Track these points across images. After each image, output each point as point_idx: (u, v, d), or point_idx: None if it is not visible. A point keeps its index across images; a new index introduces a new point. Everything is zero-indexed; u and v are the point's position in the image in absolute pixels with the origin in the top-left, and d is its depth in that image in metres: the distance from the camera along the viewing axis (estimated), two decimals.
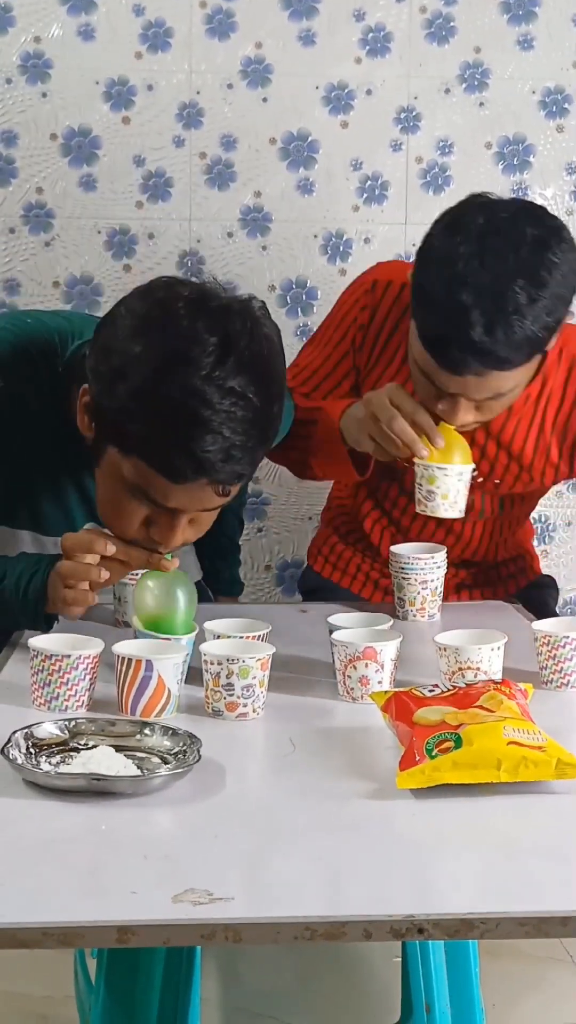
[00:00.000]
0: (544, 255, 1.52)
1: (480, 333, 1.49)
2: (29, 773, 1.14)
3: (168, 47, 2.25)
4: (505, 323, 1.50)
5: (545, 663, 1.44)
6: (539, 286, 1.51)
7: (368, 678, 1.36)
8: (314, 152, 2.30)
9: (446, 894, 0.98)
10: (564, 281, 1.54)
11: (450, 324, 1.51)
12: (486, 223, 1.53)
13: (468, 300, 1.49)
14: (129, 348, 1.32)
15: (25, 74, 2.24)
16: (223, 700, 1.31)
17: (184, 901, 0.94)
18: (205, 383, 1.29)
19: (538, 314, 1.51)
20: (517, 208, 1.57)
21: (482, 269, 1.50)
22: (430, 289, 1.54)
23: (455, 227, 1.55)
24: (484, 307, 1.49)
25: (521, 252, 1.51)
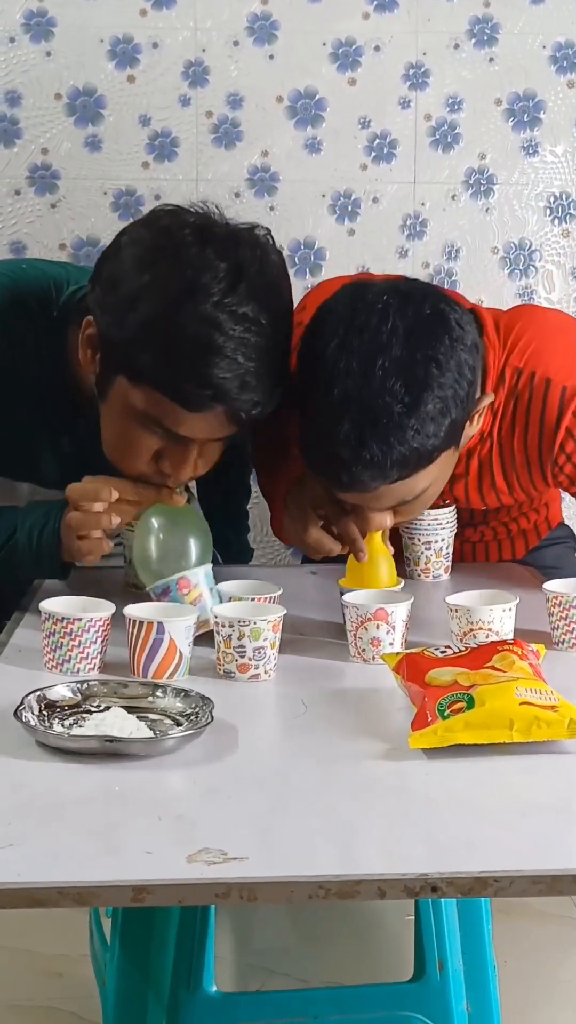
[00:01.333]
0: (420, 351, 1.32)
1: (353, 452, 1.30)
2: (42, 735, 1.14)
3: (173, 4, 2.22)
4: (379, 439, 1.30)
5: (557, 624, 1.43)
6: (418, 389, 1.30)
7: (379, 639, 1.36)
8: (322, 110, 2.28)
9: (459, 853, 0.98)
10: (451, 379, 1.33)
11: (320, 441, 1.33)
12: (351, 320, 1.33)
13: (335, 414, 1.30)
14: (138, 278, 1.30)
15: (28, 33, 2.22)
16: (235, 662, 1.31)
17: (198, 861, 0.94)
18: (218, 310, 1.28)
19: (421, 423, 1.31)
20: (388, 297, 1.35)
21: (347, 376, 1.30)
22: (299, 399, 1.37)
23: (324, 327, 1.36)
24: (354, 420, 1.30)
25: (390, 352, 1.31)
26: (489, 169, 2.31)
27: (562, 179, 2.33)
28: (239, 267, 1.30)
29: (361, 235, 2.31)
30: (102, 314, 1.36)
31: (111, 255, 1.37)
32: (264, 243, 1.35)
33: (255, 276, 1.30)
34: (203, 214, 1.36)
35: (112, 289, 1.34)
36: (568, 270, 2.35)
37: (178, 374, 1.30)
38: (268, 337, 1.31)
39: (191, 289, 1.28)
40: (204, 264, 1.29)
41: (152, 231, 1.34)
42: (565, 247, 2.35)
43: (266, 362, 1.31)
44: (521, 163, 2.31)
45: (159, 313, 1.29)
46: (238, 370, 1.29)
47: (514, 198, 2.32)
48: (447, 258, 2.32)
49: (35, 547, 1.44)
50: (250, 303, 1.29)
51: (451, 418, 1.35)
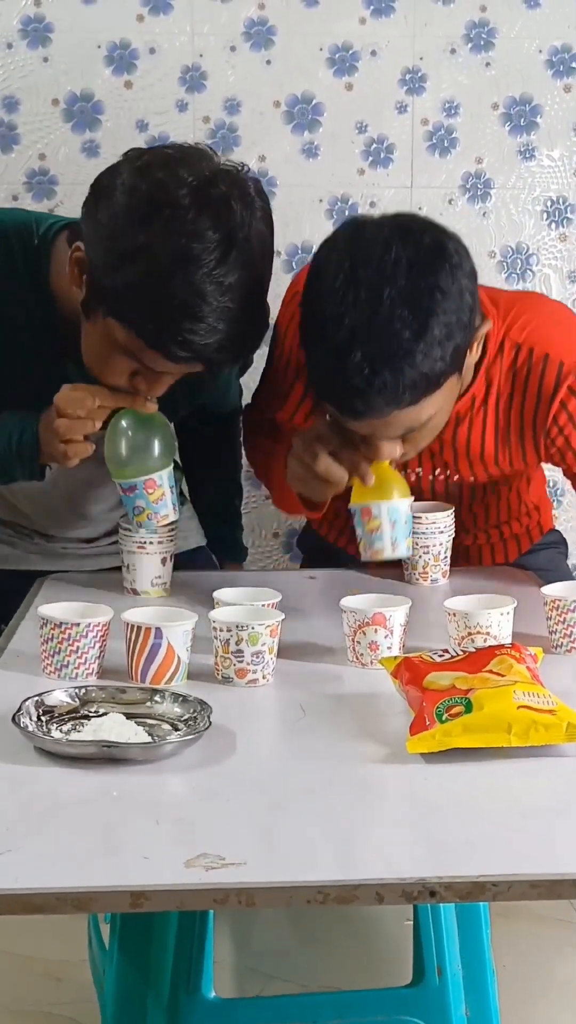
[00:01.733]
0: (425, 279, 1.37)
1: (365, 378, 1.36)
2: (40, 741, 1.14)
3: (170, 9, 2.23)
4: (390, 364, 1.36)
5: (555, 627, 1.44)
6: (424, 315, 1.36)
7: (378, 643, 1.36)
8: (319, 115, 2.28)
9: (458, 857, 0.98)
10: (455, 304, 1.39)
11: (332, 371, 1.39)
12: (355, 254, 1.39)
13: (345, 341, 1.36)
14: (132, 234, 1.39)
15: (26, 39, 2.22)
16: (233, 667, 1.32)
17: (197, 866, 0.94)
18: (206, 280, 1.38)
19: (429, 347, 1.37)
20: (390, 230, 1.41)
21: (356, 304, 1.36)
22: (308, 332, 1.44)
23: (326, 259, 1.42)
24: (364, 349, 1.36)
25: (396, 281, 1.36)
26: (486, 173, 2.31)
27: (559, 183, 2.33)
28: (230, 238, 1.39)
29: None
30: (93, 252, 1.44)
31: (105, 195, 1.43)
32: (254, 203, 1.43)
33: (243, 244, 1.40)
34: (196, 163, 1.42)
35: (106, 236, 1.42)
36: (565, 274, 2.35)
37: (161, 333, 1.41)
38: (247, 302, 1.42)
39: (183, 258, 1.37)
40: (198, 234, 1.38)
41: (148, 183, 1.41)
42: (562, 251, 2.35)
43: (244, 323, 1.43)
44: (518, 167, 2.31)
45: (150, 276, 1.38)
46: (218, 336, 1.40)
47: (511, 202, 2.32)
48: None
49: (15, 450, 1.55)
50: (236, 272, 1.39)
51: (455, 342, 1.41)
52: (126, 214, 1.40)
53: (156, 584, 1.62)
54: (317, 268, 1.44)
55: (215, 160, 1.45)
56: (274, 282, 2.37)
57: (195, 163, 1.42)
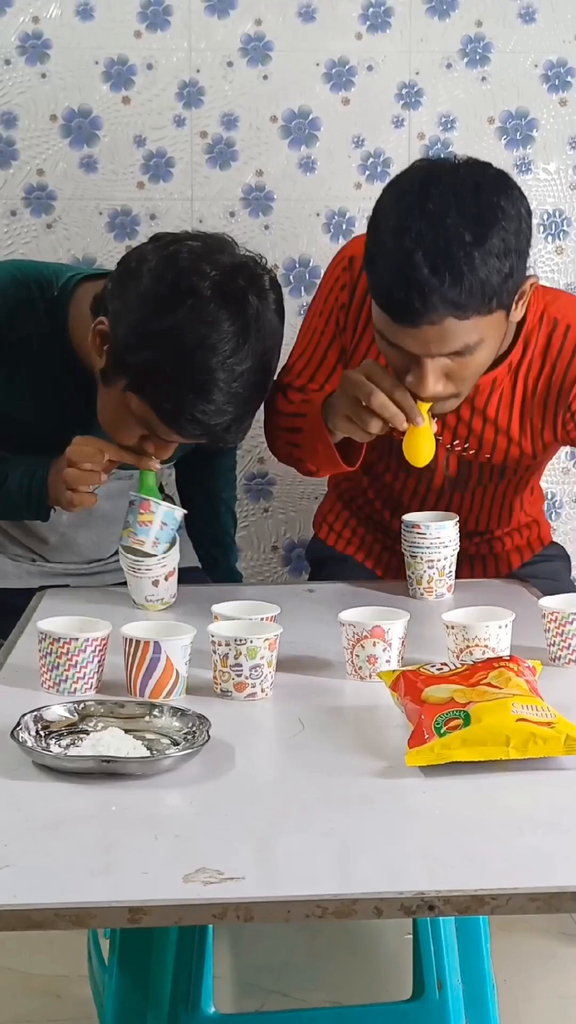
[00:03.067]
0: (488, 198, 1.49)
1: (426, 276, 1.45)
2: (39, 756, 1.14)
3: (167, 25, 2.24)
4: (451, 263, 1.45)
5: (553, 640, 1.44)
6: (485, 227, 1.46)
7: (376, 657, 1.36)
8: (315, 130, 2.29)
9: (456, 871, 0.98)
10: (512, 226, 1.49)
11: (395, 272, 1.47)
12: (426, 176, 1.52)
13: (411, 245, 1.46)
14: (158, 318, 1.50)
15: (24, 55, 2.23)
16: (231, 681, 1.32)
17: (195, 880, 0.94)
18: (220, 367, 1.50)
19: (486, 255, 1.46)
20: (460, 161, 1.55)
21: (423, 216, 1.47)
22: (375, 245, 1.52)
23: (397, 185, 1.54)
24: (427, 250, 1.45)
25: (462, 197, 1.48)
26: None
27: (555, 196, 2.34)
28: (245, 329, 1.51)
29: None
30: (117, 328, 1.55)
31: (132, 275, 1.54)
32: (269, 298, 1.55)
33: (256, 335, 1.52)
34: (215, 256, 1.53)
35: (132, 316, 1.53)
36: (562, 286, 2.36)
37: (175, 410, 1.53)
38: (255, 388, 1.55)
39: (202, 345, 1.49)
40: (217, 324, 1.50)
41: (174, 272, 1.51)
42: (559, 264, 2.36)
43: (250, 407, 1.57)
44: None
45: (171, 358, 1.50)
46: (225, 417, 1.53)
47: None
48: None
49: (25, 491, 1.67)
50: (248, 361, 1.52)
51: (511, 263, 1.49)
52: (153, 299, 1.51)
53: (151, 599, 1.62)
54: (387, 191, 1.54)
55: (236, 252, 1.57)
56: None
57: (217, 255, 1.54)
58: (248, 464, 2.37)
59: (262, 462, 2.36)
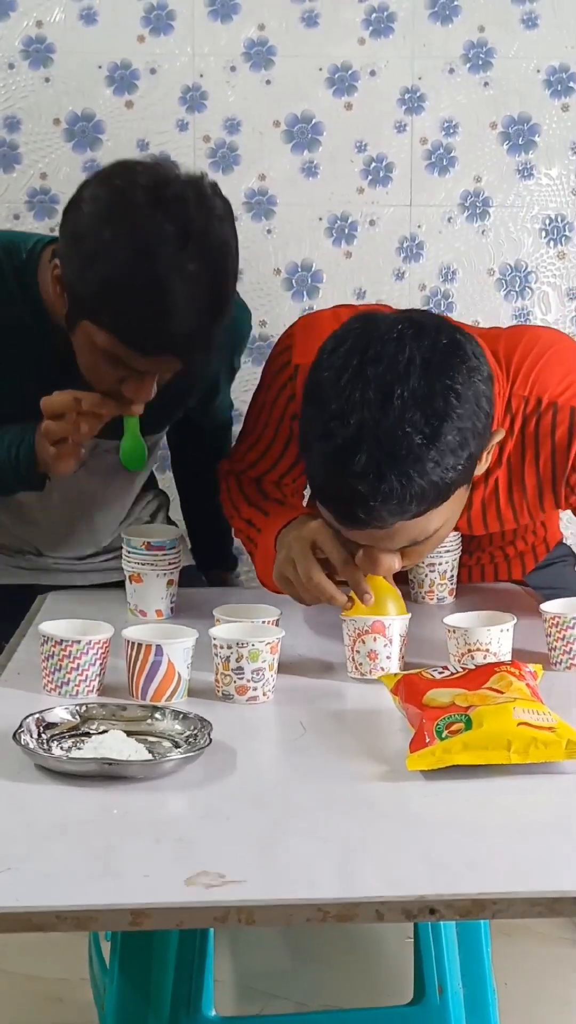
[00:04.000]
0: (440, 381, 1.28)
1: (370, 485, 1.25)
2: (41, 758, 1.14)
3: (170, 30, 2.24)
4: (399, 471, 1.25)
5: (554, 644, 1.44)
6: (438, 420, 1.27)
7: (376, 652, 1.36)
8: (318, 134, 2.29)
9: (458, 875, 0.98)
10: (472, 410, 1.30)
11: (335, 475, 1.28)
12: (366, 349, 1.30)
13: (352, 445, 1.26)
14: (97, 237, 1.46)
15: (27, 59, 2.23)
16: (233, 684, 1.32)
17: (197, 884, 0.94)
18: (169, 271, 1.44)
19: (440, 456, 1.27)
20: (404, 327, 1.32)
21: (364, 406, 1.26)
22: (312, 431, 1.31)
23: (334, 355, 1.33)
24: (371, 453, 1.25)
25: (409, 381, 1.27)
26: (485, 192, 2.32)
27: (557, 201, 2.34)
28: (186, 229, 1.45)
29: (358, 258, 2.32)
30: (67, 265, 1.52)
31: (73, 209, 1.52)
32: (209, 198, 1.50)
33: (200, 236, 1.46)
34: (153, 169, 1.51)
35: (74, 244, 1.50)
36: (564, 291, 2.36)
37: (133, 328, 1.48)
38: (212, 290, 1.48)
39: (145, 253, 1.44)
40: (155, 229, 1.45)
41: (107, 189, 1.49)
42: (560, 268, 2.36)
43: (211, 312, 1.49)
44: (516, 186, 2.33)
45: (116, 275, 1.45)
46: (186, 324, 1.46)
47: (510, 220, 2.34)
48: (443, 280, 2.33)
49: (14, 460, 1.60)
50: (195, 262, 1.45)
51: (469, 451, 1.31)
52: (88, 219, 1.48)
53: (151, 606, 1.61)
54: (322, 362, 1.34)
55: (175, 169, 1.53)
56: (275, 301, 2.38)
57: (152, 170, 1.51)
58: None
59: None
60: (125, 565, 1.62)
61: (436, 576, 1.69)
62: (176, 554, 1.62)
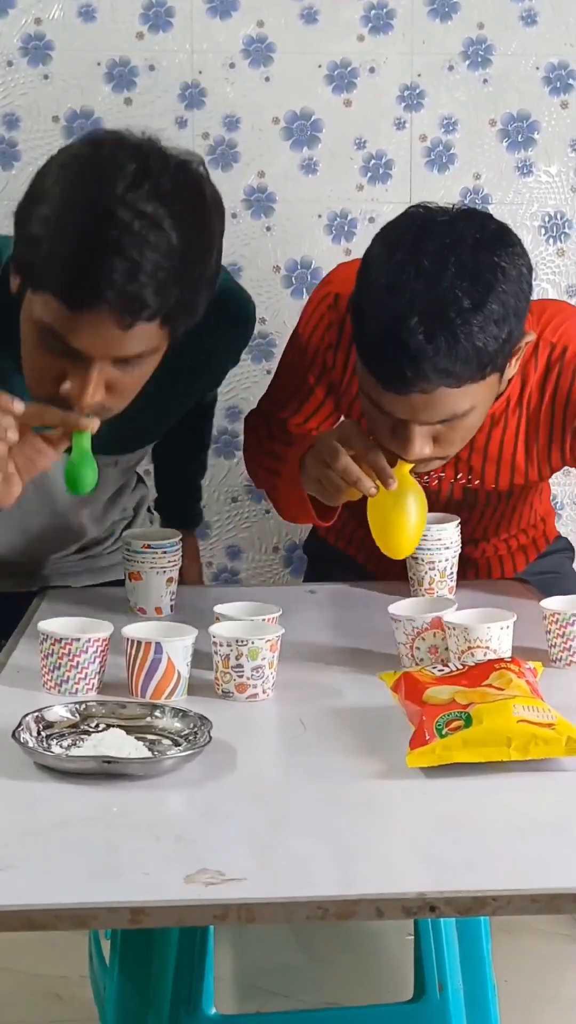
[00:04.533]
0: (487, 257, 1.37)
1: (420, 343, 1.34)
2: (40, 756, 1.14)
3: (169, 27, 2.24)
4: (447, 331, 1.34)
5: (554, 641, 1.44)
6: (484, 290, 1.35)
7: (437, 647, 1.39)
8: (317, 131, 2.29)
9: (457, 872, 0.98)
10: (512, 288, 1.38)
11: (387, 336, 1.36)
12: (421, 228, 1.40)
13: (404, 307, 1.34)
14: (49, 180, 1.29)
15: (26, 56, 2.23)
16: (233, 682, 1.32)
17: (196, 881, 0.94)
18: (116, 204, 1.23)
19: (484, 322, 1.35)
20: (456, 212, 1.43)
21: (418, 275, 1.35)
22: (365, 303, 1.40)
23: (388, 236, 1.42)
24: (423, 314, 1.34)
25: (461, 254, 1.37)
26: (484, 189, 2.32)
27: (556, 198, 2.34)
28: (147, 169, 1.26)
29: (358, 255, 2.31)
30: (16, 227, 1.32)
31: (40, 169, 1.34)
32: (189, 163, 1.32)
33: (165, 180, 1.26)
34: (127, 133, 1.32)
35: (25, 199, 1.32)
36: (564, 288, 2.36)
37: (66, 269, 1.25)
38: (169, 243, 1.25)
39: (92, 183, 1.25)
40: (112, 162, 1.26)
41: (73, 145, 1.34)
42: (560, 265, 2.36)
43: (165, 266, 1.25)
44: (516, 183, 2.33)
45: (56, 208, 1.26)
46: (127, 265, 1.23)
47: (509, 218, 2.29)
48: None
49: None
50: (153, 202, 1.24)
51: (509, 328, 1.39)
52: (49, 168, 1.30)
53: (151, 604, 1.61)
54: (378, 242, 1.44)
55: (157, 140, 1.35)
56: (275, 299, 2.38)
57: (126, 133, 1.33)
58: None
59: None
60: (125, 563, 1.62)
61: (436, 574, 1.69)
62: (176, 552, 1.62)
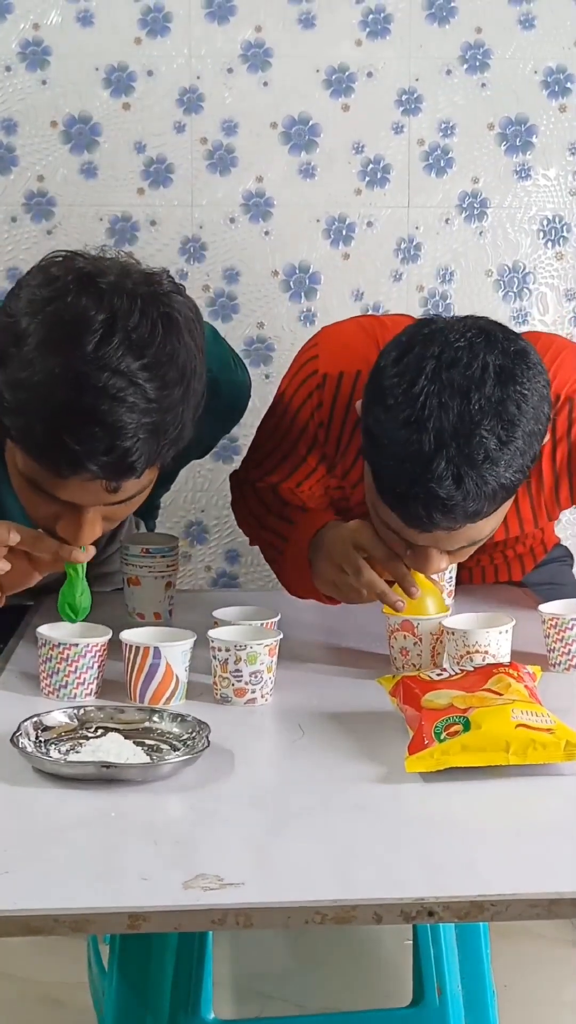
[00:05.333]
0: (511, 388, 1.33)
1: (449, 488, 1.30)
2: (39, 761, 1.14)
3: (167, 32, 2.24)
4: (476, 475, 1.30)
5: (553, 645, 1.44)
6: (510, 426, 1.32)
7: (407, 650, 1.41)
8: (315, 136, 2.29)
9: (456, 877, 0.98)
10: (535, 415, 1.35)
11: (413, 479, 1.31)
12: (440, 355, 1.33)
13: (431, 449, 1.29)
14: (15, 328, 1.20)
15: (24, 61, 2.23)
16: (231, 686, 1.32)
17: (195, 887, 0.94)
18: (88, 366, 1.15)
19: (511, 458, 1.32)
20: (473, 334, 1.36)
21: (442, 412, 1.30)
22: (386, 436, 1.33)
23: (404, 361, 1.35)
24: (450, 457, 1.30)
25: (484, 388, 1.32)
26: (482, 193, 2.32)
27: (555, 202, 2.34)
28: (114, 316, 1.17)
29: (356, 259, 2.32)
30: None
31: (8, 297, 1.26)
32: (155, 293, 1.23)
33: (131, 321, 1.17)
34: (96, 260, 1.25)
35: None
36: (562, 292, 2.36)
37: (44, 441, 1.18)
38: (146, 393, 1.18)
39: (58, 343, 1.16)
40: (80, 316, 1.16)
41: (41, 277, 1.23)
42: (558, 269, 2.36)
43: (144, 424, 1.19)
44: (514, 187, 2.33)
45: (25, 371, 1.18)
46: (106, 435, 1.16)
47: (507, 221, 2.34)
48: (441, 281, 2.33)
49: None
50: (126, 357, 1.17)
51: (532, 452, 1.36)
52: (14, 309, 1.21)
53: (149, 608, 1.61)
54: (387, 368, 1.36)
55: (132, 264, 1.27)
56: (273, 303, 2.38)
57: (98, 260, 1.26)
58: None
59: None
60: (123, 568, 1.62)
61: (435, 577, 1.69)
62: (174, 557, 1.62)
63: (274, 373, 2.27)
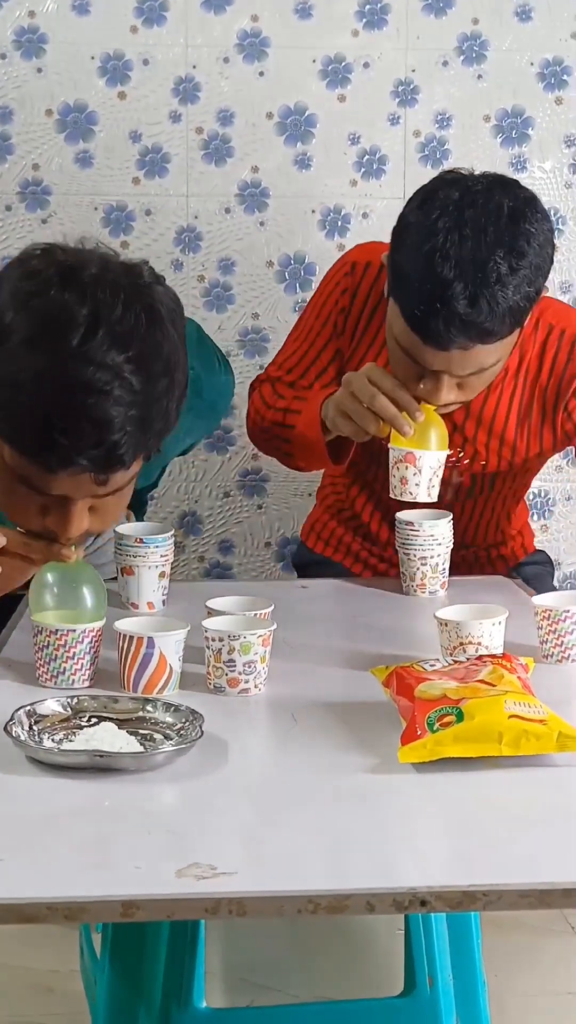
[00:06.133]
0: (520, 225, 1.55)
1: (464, 305, 1.51)
2: (32, 750, 1.14)
3: (164, 21, 2.24)
4: (489, 294, 1.51)
5: (546, 637, 1.44)
6: (518, 256, 1.53)
7: (407, 479, 1.58)
8: (311, 126, 2.29)
9: (448, 867, 0.98)
10: (540, 251, 1.56)
11: (433, 298, 1.51)
12: (461, 197, 1.54)
13: (450, 273, 1.51)
14: (3, 320, 1.21)
15: (20, 49, 2.23)
16: (225, 676, 1.32)
17: (188, 875, 0.94)
18: (74, 361, 1.17)
19: (519, 284, 1.53)
20: (490, 181, 1.59)
21: (461, 242, 1.52)
22: (409, 266, 1.55)
23: (430, 203, 1.56)
24: (466, 279, 1.51)
25: (499, 223, 1.54)
26: None
27: (550, 195, 2.34)
28: (97, 309, 1.18)
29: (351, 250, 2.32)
30: None
31: None
32: (138, 285, 1.23)
33: (114, 314, 1.18)
34: (77, 252, 1.26)
35: None
36: (557, 284, 2.36)
37: (32, 437, 1.19)
38: (132, 386, 1.19)
39: (41, 340, 1.18)
40: (63, 311, 1.17)
41: (21, 271, 1.25)
42: (555, 261, 2.36)
43: (131, 417, 1.20)
44: None
45: (11, 366, 1.19)
46: (94, 427, 1.18)
47: None
48: None
49: None
50: (111, 350, 1.18)
51: (536, 287, 1.56)
52: None
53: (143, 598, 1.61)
54: (417, 206, 1.56)
55: (111, 256, 1.27)
56: (268, 294, 2.37)
57: (78, 253, 1.26)
58: (242, 460, 2.37)
59: (256, 458, 2.36)
60: (117, 558, 1.62)
61: (428, 569, 1.69)
62: (168, 547, 1.62)
63: (268, 364, 2.27)
